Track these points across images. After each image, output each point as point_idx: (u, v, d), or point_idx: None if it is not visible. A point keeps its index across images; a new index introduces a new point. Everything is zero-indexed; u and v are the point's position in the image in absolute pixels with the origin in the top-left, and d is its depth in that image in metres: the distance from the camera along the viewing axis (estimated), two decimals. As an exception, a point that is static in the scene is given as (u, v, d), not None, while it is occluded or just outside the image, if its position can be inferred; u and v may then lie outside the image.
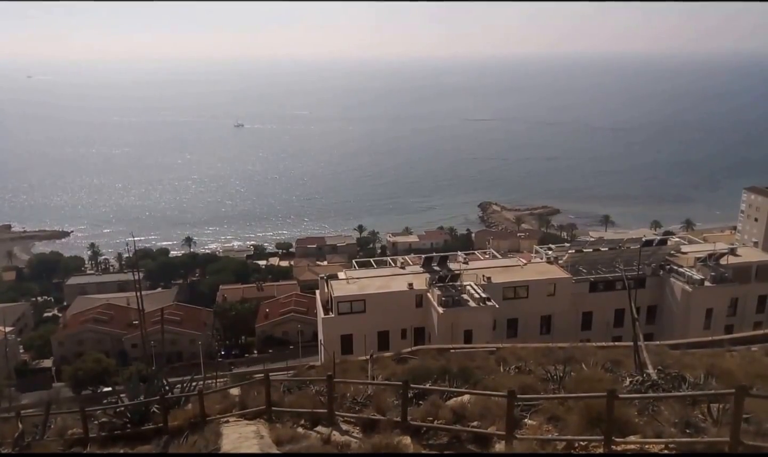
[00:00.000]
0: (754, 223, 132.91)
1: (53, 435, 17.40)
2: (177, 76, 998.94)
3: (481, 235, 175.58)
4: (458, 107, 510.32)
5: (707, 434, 11.05)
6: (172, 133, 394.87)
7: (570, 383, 15.62)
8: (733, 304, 61.75)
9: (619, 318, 59.95)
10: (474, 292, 54.62)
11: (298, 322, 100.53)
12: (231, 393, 19.21)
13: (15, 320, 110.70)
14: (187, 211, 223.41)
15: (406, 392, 13.98)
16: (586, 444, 11.32)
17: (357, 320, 54.77)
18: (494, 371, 23.02)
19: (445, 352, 38.53)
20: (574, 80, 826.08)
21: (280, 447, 13.32)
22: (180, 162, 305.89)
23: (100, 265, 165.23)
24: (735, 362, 24.80)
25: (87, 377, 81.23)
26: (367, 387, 17.37)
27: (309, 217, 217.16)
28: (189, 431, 15.43)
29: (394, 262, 67.48)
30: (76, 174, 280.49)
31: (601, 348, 32.19)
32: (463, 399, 14.61)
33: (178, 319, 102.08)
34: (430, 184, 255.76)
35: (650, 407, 13.11)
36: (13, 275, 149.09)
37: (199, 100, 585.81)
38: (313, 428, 14.91)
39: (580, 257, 65.26)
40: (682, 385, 15.21)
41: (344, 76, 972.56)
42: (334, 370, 18.66)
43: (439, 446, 13.31)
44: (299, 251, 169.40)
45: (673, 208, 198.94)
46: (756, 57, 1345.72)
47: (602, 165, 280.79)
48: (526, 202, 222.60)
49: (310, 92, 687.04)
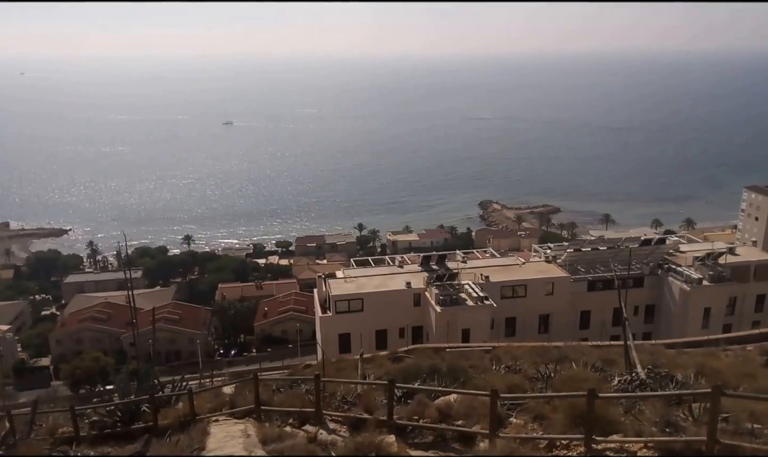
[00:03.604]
0: (754, 222, 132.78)
1: (44, 434, 17.43)
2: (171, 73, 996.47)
3: (482, 233, 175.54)
4: (458, 106, 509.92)
5: (687, 433, 11.07)
6: (166, 131, 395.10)
7: (557, 383, 15.65)
8: (732, 303, 61.74)
9: (617, 317, 59.85)
10: (472, 291, 54.66)
11: (297, 321, 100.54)
12: (223, 392, 19.26)
13: (13, 319, 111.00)
14: (186, 210, 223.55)
15: (392, 392, 14.03)
16: (568, 443, 11.36)
17: (355, 319, 54.84)
18: (487, 370, 23.08)
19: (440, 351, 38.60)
20: (575, 78, 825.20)
21: (266, 446, 13.34)
22: (175, 160, 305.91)
23: (99, 263, 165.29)
24: (728, 361, 24.83)
25: (85, 375, 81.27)
26: (357, 386, 17.43)
27: (308, 216, 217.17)
28: (177, 430, 15.46)
29: (392, 261, 67.49)
30: (72, 172, 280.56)
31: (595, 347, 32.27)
32: (450, 398, 14.67)
33: (176, 317, 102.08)
34: (430, 182, 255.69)
35: (637, 407, 13.14)
36: (11, 273, 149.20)
37: (192, 98, 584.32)
38: (301, 427, 14.96)
39: (578, 256, 65.30)
40: (670, 384, 15.23)
41: (342, 74, 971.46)
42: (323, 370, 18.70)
43: (425, 445, 13.37)
44: (299, 249, 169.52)
45: (673, 207, 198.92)
46: (758, 55, 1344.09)
47: (603, 164, 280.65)
48: (526, 201, 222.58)
49: (307, 90, 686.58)
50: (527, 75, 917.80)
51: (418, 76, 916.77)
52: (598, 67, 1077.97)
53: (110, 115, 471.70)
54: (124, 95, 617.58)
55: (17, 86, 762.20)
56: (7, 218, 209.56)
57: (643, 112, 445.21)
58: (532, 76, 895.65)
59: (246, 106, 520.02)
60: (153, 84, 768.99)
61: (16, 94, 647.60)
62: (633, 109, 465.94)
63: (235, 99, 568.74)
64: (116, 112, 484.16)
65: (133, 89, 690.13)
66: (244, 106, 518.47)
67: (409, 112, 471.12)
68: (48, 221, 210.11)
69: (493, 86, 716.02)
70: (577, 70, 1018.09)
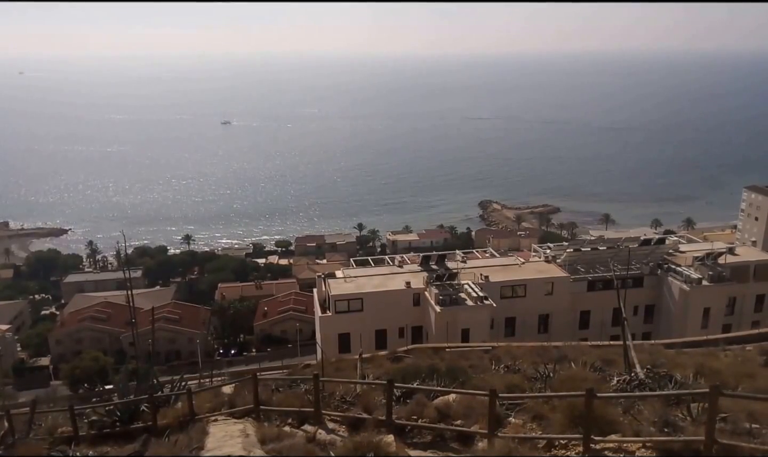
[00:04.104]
0: (754, 222, 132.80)
1: (43, 434, 17.41)
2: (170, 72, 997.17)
3: (481, 233, 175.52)
4: (458, 105, 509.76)
5: (685, 433, 11.08)
6: (165, 130, 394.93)
7: (556, 382, 15.66)
8: (731, 303, 61.79)
9: (617, 317, 59.87)
10: (471, 291, 54.66)
11: (296, 320, 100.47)
12: (223, 391, 19.26)
13: (12, 318, 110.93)
14: (185, 210, 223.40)
15: (391, 391, 14.04)
16: (566, 443, 11.36)
17: (354, 319, 54.85)
18: (487, 369, 23.11)
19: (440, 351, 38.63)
20: (575, 78, 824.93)
21: (264, 446, 13.34)
22: (174, 160, 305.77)
23: (98, 263, 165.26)
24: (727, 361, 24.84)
25: (84, 375, 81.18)
26: (356, 386, 17.44)
27: (308, 216, 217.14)
28: (176, 429, 15.46)
29: (392, 260, 67.49)
30: (71, 171, 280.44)
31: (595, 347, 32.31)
32: (449, 398, 14.68)
33: (176, 317, 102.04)
34: (430, 182, 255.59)
35: (635, 407, 13.15)
36: (11, 273, 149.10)
37: (191, 98, 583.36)
38: (300, 427, 14.96)
39: (578, 256, 65.28)
40: (669, 384, 15.24)
41: (341, 74, 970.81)
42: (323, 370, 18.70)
43: (423, 445, 13.37)
44: (299, 249, 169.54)
45: (673, 207, 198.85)
46: (757, 56, 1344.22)
47: (602, 164, 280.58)
48: (526, 201, 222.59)
49: (306, 90, 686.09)
50: (527, 75, 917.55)
51: (418, 75, 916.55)
52: (598, 67, 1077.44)
53: (109, 114, 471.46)
54: (123, 95, 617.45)
55: (16, 86, 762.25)
56: (6, 218, 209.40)
57: (642, 113, 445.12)
58: (532, 76, 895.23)
59: (245, 106, 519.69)
60: (152, 84, 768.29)
61: (15, 93, 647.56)
62: (633, 110, 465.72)
63: (234, 99, 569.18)
64: (115, 112, 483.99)
65: (132, 89, 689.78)
66: (243, 106, 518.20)
67: (408, 112, 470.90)
68: (47, 221, 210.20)
69: (493, 86, 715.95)
70: (577, 70, 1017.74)
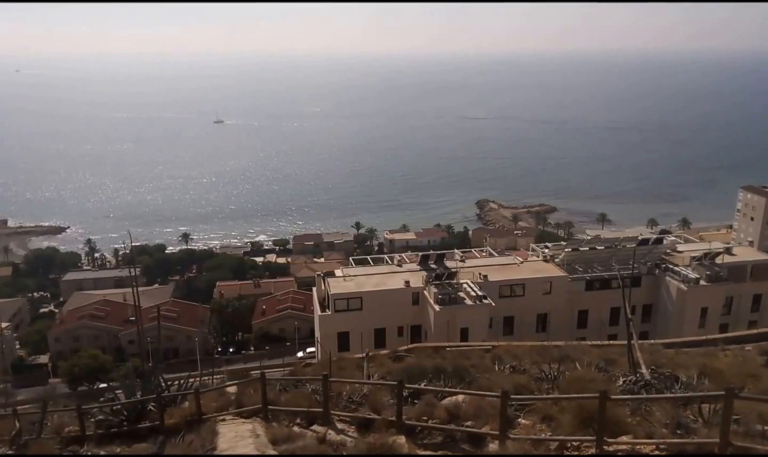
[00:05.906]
0: (750, 222, 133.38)
1: (50, 433, 17.41)
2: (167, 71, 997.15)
3: (478, 232, 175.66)
4: (455, 105, 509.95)
5: (698, 434, 11.17)
6: (162, 129, 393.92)
7: (563, 383, 15.73)
8: (728, 303, 62.02)
9: (615, 316, 60.19)
10: (470, 290, 54.77)
11: (294, 319, 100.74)
12: (227, 391, 19.24)
13: (11, 316, 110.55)
14: (183, 208, 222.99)
15: (401, 392, 14.07)
16: (579, 444, 11.44)
17: (354, 318, 54.90)
18: (489, 369, 23.15)
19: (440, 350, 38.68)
20: (572, 78, 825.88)
21: (276, 447, 13.38)
22: (171, 158, 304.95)
23: (97, 261, 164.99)
24: (728, 361, 24.97)
25: (83, 373, 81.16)
26: (363, 386, 17.44)
27: (305, 215, 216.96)
28: (185, 429, 15.48)
29: (391, 260, 67.55)
30: (69, 169, 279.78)
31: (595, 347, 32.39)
32: (458, 399, 14.71)
33: (174, 315, 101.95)
34: (427, 181, 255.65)
35: (643, 407, 13.23)
36: (10, 271, 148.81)
37: (186, 96, 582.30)
38: (309, 427, 14.97)
39: (576, 255, 65.43)
40: (675, 385, 15.34)
41: (338, 73, 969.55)
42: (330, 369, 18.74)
43: (434, 446, 13.42)
44: (296, 248, 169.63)
45: (669, 207, 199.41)
46: (753, 56, 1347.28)
47: (599, 163, 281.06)
48: (523, 200, 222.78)
49: (305, 88, 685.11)
50: (525, 74, 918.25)
51: (416, 74, 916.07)
52: (596, 66, 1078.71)
53: (106, 113, 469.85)
54: (119, 94, 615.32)
55: (12, 83, 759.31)
56: (4, 216, 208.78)
57: (640, 112, 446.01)
58: (530, 75, 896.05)
59: (240, 104, 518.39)
60: (148, 83, 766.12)
61: (11, 90, 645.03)
62: (630, 109, 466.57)
63: (229, 97, 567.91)
64: (113, 111, 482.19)
65: (128, 88, 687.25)
66: (238, 104, 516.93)
67: (406, 111, 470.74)
68: (45, 219, 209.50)
69: (491, 85, 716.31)
70: (575, 69, 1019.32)
